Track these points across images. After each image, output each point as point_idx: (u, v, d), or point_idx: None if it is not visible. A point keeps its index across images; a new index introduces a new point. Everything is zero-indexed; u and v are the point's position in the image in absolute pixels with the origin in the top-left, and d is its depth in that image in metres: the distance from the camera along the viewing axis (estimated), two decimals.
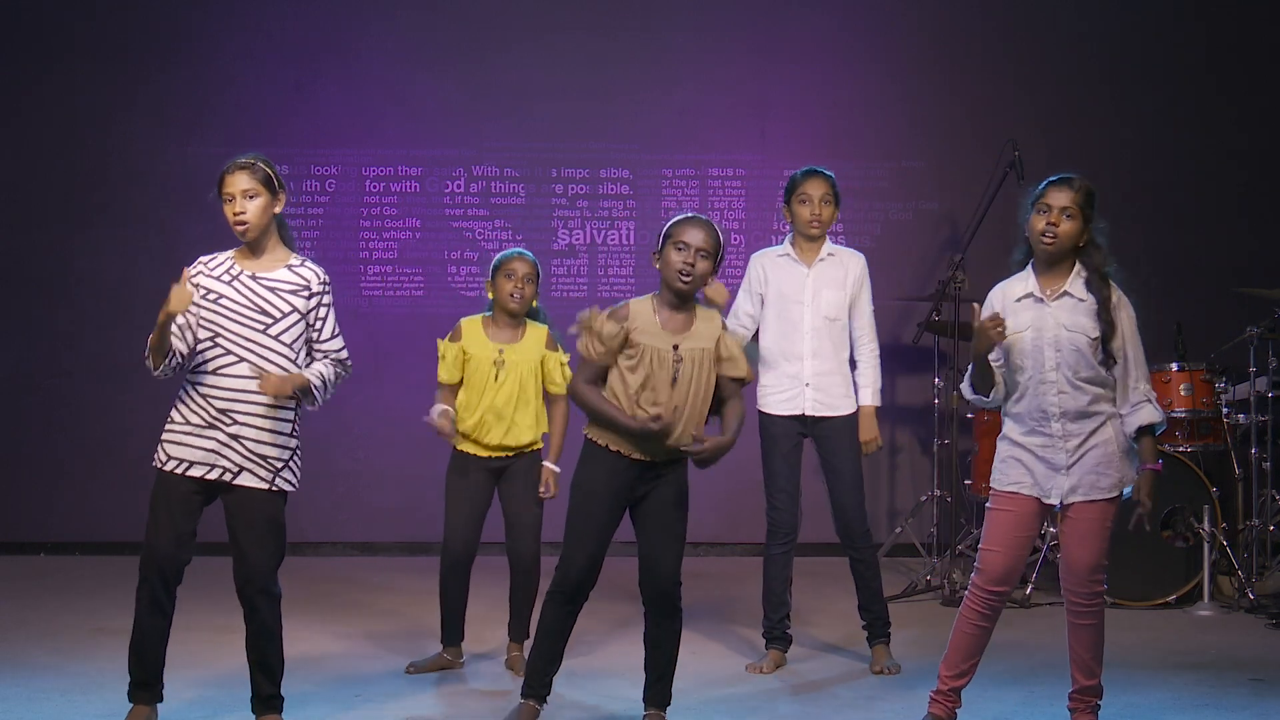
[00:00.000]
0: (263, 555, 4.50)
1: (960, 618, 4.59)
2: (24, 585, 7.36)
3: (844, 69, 8.56)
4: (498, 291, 5.47)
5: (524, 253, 5.54)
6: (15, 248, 8.40)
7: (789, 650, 5.69)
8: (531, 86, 8.47)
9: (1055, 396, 4.45)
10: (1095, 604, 4.51)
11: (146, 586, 4.46)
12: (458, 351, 5.46)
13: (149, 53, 8.41)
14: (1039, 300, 4.50)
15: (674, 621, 4.56)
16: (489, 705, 5.06)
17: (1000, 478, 4.54)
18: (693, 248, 4.43)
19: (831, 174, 5.67)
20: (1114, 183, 8.52)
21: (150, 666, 4.53)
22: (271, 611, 4.53)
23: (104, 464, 8.32)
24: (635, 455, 4.45)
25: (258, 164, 4.54)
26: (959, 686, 4.60)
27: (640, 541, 4.53)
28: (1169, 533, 6.87)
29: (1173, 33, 8.60)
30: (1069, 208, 4.44)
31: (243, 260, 4.55)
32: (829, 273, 5.63)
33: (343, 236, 8.47)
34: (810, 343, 5.58)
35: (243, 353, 4.45)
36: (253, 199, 4.49)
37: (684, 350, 4.44)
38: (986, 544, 4.54)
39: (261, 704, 4.58)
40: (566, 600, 4.50)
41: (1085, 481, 4.47)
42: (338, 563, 8.11)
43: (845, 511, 5.60)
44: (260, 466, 4.47)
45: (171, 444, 4.46)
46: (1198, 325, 7.59)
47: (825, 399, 5.58)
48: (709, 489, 8.41)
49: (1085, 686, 4.55)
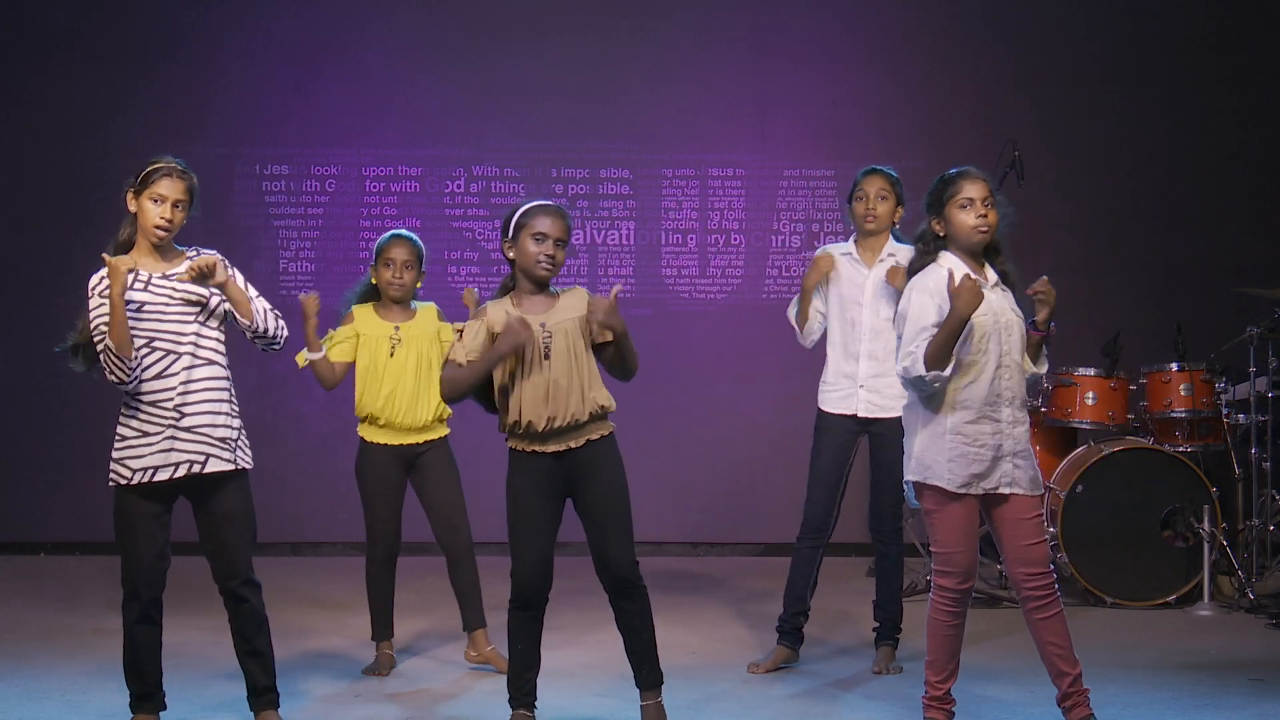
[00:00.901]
0: (242, 546, 4.52)
1: (935, 623, 4.54)
2: (24, 585, 7.36)
3: (844, 69, 8.55)
4: (379, 278, 5.46)
5: (404, 235, 5.51)
6: (15, 248, 8.40)
7: (800, 648, 5.67)
8: (531, 86, 8.47)
9: (1009, 381, 4.48)
10: (1055, 591, 4.51)
11: (135, 603, 4.48)
12: (350, 332, 5.43)
13: (149, 53, 8.41)
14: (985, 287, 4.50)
15: (639, 602, 4.54)
16: (489, 705, 5.06)
17: (951, 477, 4.45)
18: (551, 238, 4.46)
19: (893, 172, 5.63)
20: (1114, 183, 8.55)
21: (148, 678, 4.54)
22: (258, 600, 4.55)
23: (104, 464, 8.19)
24: (549, 448, 4.43)
25: (191, 176, 4.57)
26: (949, 688, 4.60)
27: (588, 533, 4.52)
28: (1169, 533, 6.86)
29: (1173, 33, 8.59)
30: (988, 197, 4.51)
31: (145, 265, 4.53)
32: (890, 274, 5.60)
33: (343, 236, 8.46)
34: (868, 344, 5.55)
35: (181, 349, 4.47)
36: (179, 209, 4.52)
37: (551, 325, 4.44)
38: (949, 545, 4.48)
39: (258, 699, 4.58)
40: (525, 606, 4.49)
41: (1027, 476, 4.48)
42: (338, 563, 8.11)
43: (881, 508, 5.60)
44: (221, 448, 4.48)
45: (131, 459, 4.48)
46: (1198, 325, 7.58)
47: (879, 400, 5.55)
48: (710, 489, 8.44)
49: (1075, 676, 4.51)
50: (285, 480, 7.94)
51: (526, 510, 4.46)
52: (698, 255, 8.55)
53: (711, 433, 8.42)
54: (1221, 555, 6.89)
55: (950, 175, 4.58)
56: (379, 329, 5.44)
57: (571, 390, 4.41)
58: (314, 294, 5.41)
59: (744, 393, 8.27)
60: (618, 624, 4.59)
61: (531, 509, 4.45)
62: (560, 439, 4.43)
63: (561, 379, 4.40)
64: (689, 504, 8.46)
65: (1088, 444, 7.22)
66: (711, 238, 8.56)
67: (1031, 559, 4.48)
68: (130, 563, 4.46)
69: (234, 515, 4.50)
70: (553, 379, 4.40)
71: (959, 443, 4.45)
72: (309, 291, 5.45)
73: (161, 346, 4.46)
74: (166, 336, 4.47)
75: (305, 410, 8.25)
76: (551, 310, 4.49)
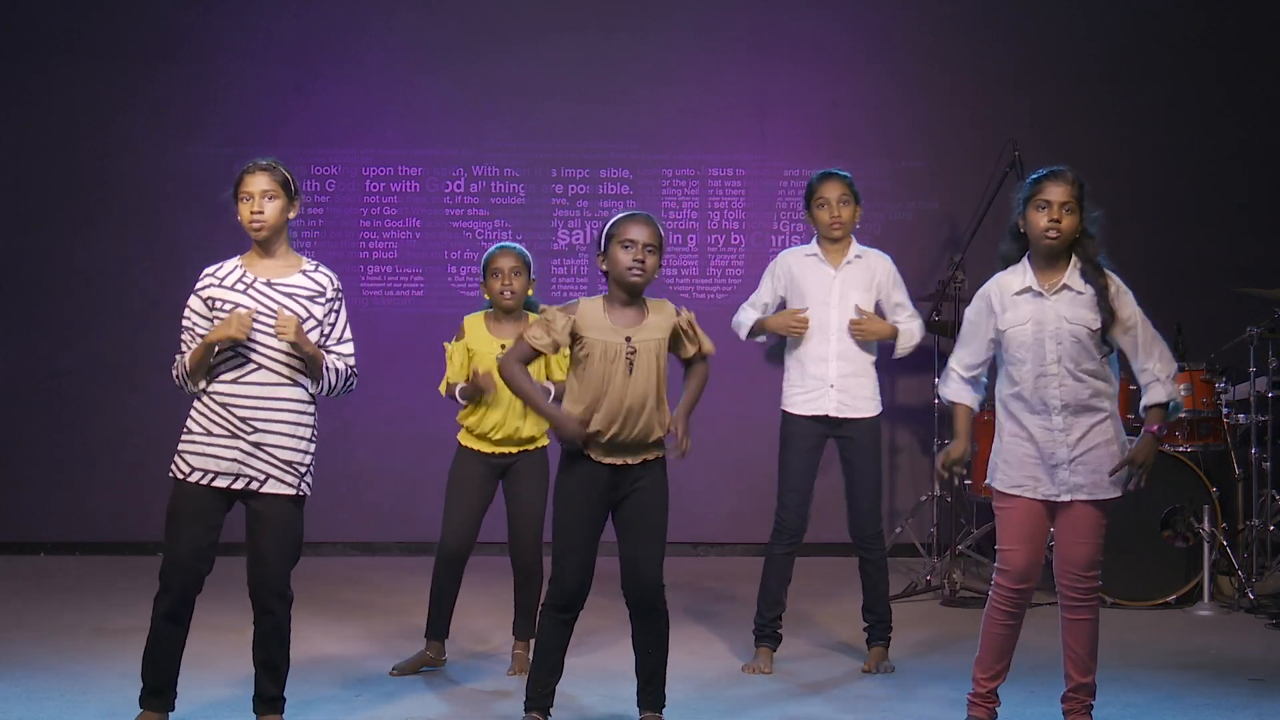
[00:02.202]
0: (281, 559, 4.50)
1: (988, 619, 4.58)
2: (24, 585, 7.36)
3: (844, 69, 8.55)
4: (489, 290, 5.48)
5: (509, 246, 5.53)
6: (15, 248, 8.40)
7: (778, 649, 5.68)
8: (531, 86, 8.47)
9: (1057, 389, 4.47)
10: (1092, 599, 4.51)
11: (167, 597, 4.45)
12: (463, 350, 5.46)
13: (148, 53, 8.40)
14: (1038, 294, 4.51)
15: (658, 625, 4.57)
16: (489, 705, 5.06)
17: (1003, 478, 4.54)
18: (640, 244, 4.46)
19: (847, 174, 5.66)
20: (1114, 183, 8.51)
21: (164, 674, 4.52)
22: (284, 614, 4.53)
23: (104, 464, 8.32)
24: (607, 460, 4.46)
25: (278, 167, 4.54)
26: (995, 687, 4.61)
27: (621, 544, 4.53)
28: (1169, 533, 6.87)
29: (1173, 33, 8.59)
30: (1068, 202, 4.47)
31: (253, 266, 4.52)
32: (855, 275, 5.62)
33: (343, 236, 8.47)
34: (836, 345, 5.57)
35: (262, 360, 4.43)
36: (271, 200, 4.49)
37: (636, 341, 4.47)
38: (1005, 543, 4.54)
39: (263, 704, 4.57)
40: (561, 610, 4.49)
41: (1090, 481, 4.47)
42: (338, 563, 8.11)
43: (860, 513, 5.60)
44: (286, 473, 4.45)
45: (193, 454, 4.43)
46: (1198, 325, 7.58)
47: (850, 400, 5.57)
48: (710, 489, 8.43)
49: (1080, 684, 4.53)
50: None
51: (577, 514, 4.47)
52: (698, 255, 8.55)
53: (712, 433, 8.39)
54: (1221, 555, 6.89)
55: (1039, 174, 4.56)
56: (488, 345, 5.42)
57: (646, 409, 4.45)
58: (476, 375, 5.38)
59: (744, 393, 8.27)
60: (634, 642, 4.60)
61: (581, 514, 4.47)
62: (620, 454, 4.46)
63: (638, 396, 4.44)
64: (689, 504, 8.44)
65: None
66: (711, 238, 8.56)
67: (1073, 558, 4.51)
68: (170, 557, 4.43)
69: (279, 529, 4.47)
70: (630, 394, 4.43)
71: (1013, 445, 4.54)
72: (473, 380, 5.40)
73: (243, 352, 4.42)
74: (250, 344, 4.41)
75: None
76: (640, 326, 4.50)
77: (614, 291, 4.53)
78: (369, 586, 7.36)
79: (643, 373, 4.45)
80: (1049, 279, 4.51)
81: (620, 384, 4.43)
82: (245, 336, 4.36)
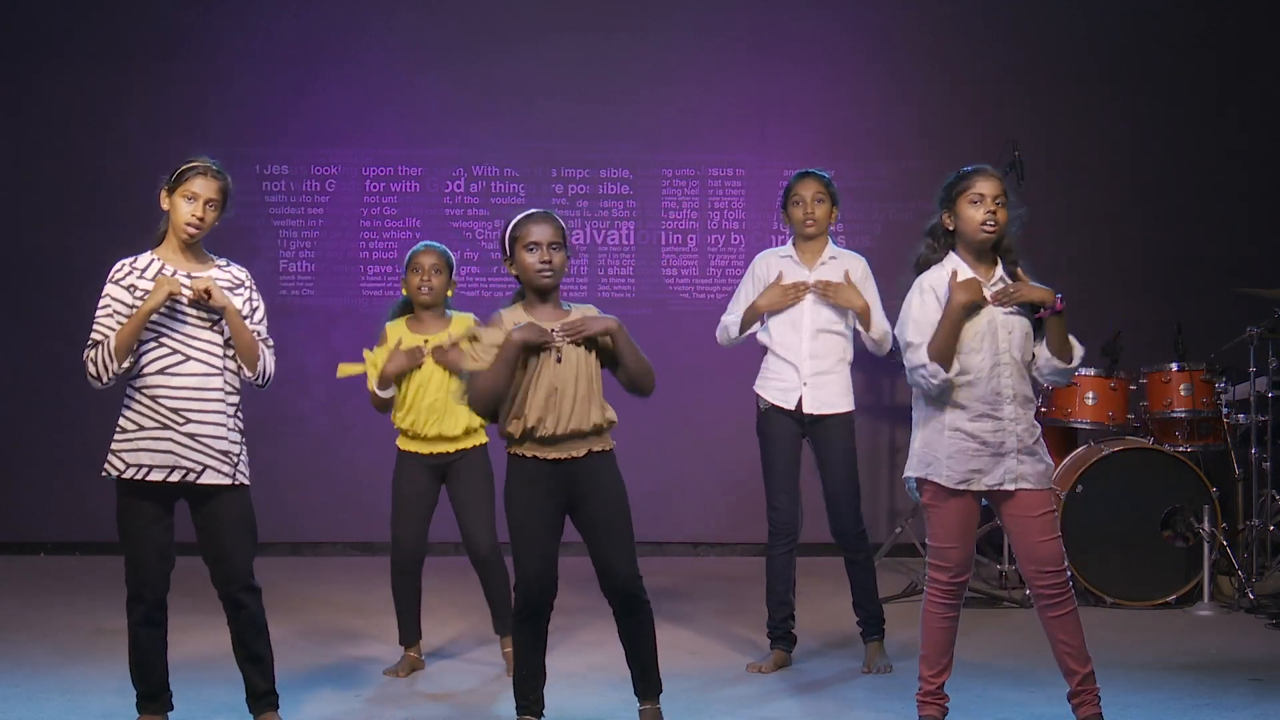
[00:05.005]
0: (241, 553, 4.50)
1: (929, 616, 4.58)
2: (24, 585, 7.36)
3: (844, 69, 8.56)
4: (408, 285, 5.47)
5: (433, 245, 5.53)
6: (15, 247, 8.40)
7: (794, 650, 5.69)
8: (531, 86, 8.47)
9: (1009, 379, 4.48)
10: (1069, 590, 4.51)
11: (140, 605, 4.47)
12: (386, 355, 5.42)
13: (149, 53, 8.41)
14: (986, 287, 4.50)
15: (641, 615, 4.53)
16: (489, 705, 5.06)
17: (950, 474, 4.49)
18: (544, 244, 4.44)
19: (825, 174, 5.68)
20: (1114, 183, 8.55)
21: (154, 678, 4.53)
22: (257, 605, 4.54)
23: (104, 464, 8.29)
24: (550, 455, 4.42)
25: (226, 176, 4.59)
26: (942, 683, 4.61)
27: (590, 548, 4.50)
28: (1169, 533, 6.87)
29: (1173, 33, 8.59)
30: (1000, 196, 4.52)
31: (172, 260, 4.54)
32: (830, 276, 5.63)
33: (343, 236, 8.46)
34: (809, 344, 5.60)
35: (190, 351, 4.46)
36: (212, 209, 4.53)
37: None
38: (943, 541, 4.52)
39: (258, 702, 4.57)
40: (531, 616, 4.47)
41: (1034, 470, 4.49)
42: (338, 563, 8.11)
43: (839, 512, 5.62)
44: (221, 462, 4.45)
45: (127, 451, 4.46)
46: (1198, 325, 7.59)
47: (822, 396, 5.60)
48: (710, 489, 8.44)
49: (1084, 675, 4.52)
50: (285, 480, 7.94)
51: (527, 516, 4.43)
52: (698, 255, 8.55)
53: (712, 433, 8.41)
54: (1221, 555, 6.89)
55: (965, 171, 4.59)
56: (409, 341, 5.42)
57: (579, 397, 4.41)
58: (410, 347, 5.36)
59: (744, 393, 8.23)
60: (621, 636, 4.58)
61: (532, 515, 4.43)
62: (562, 446, 4.42)
63: (570, 384, 4.40)
64: (689, 504, 8.46)
65: (1088, 444, 7.23)
66: (711, 238, 8.56)
67: (1041, 556, 4.48)
68: (133, 564, 4.45)
69: (231, 521, 4.48)
70: (563, 382, 4.39)
71: (958, 439, 4.49)
72: None
73: (170, 344, 4.45)
74: (177, 336, 4.45)
75: (305, 410, 8.25)
76: (564, 320, 4.47)
77: (529, 295, 4.50)
78: (368, 586, 7.35)
79: (571, 362, 4.40)
80: (985, 274, 4.53)
81: (549, 372, 4.39)
82: (178, 292, 4.38)
